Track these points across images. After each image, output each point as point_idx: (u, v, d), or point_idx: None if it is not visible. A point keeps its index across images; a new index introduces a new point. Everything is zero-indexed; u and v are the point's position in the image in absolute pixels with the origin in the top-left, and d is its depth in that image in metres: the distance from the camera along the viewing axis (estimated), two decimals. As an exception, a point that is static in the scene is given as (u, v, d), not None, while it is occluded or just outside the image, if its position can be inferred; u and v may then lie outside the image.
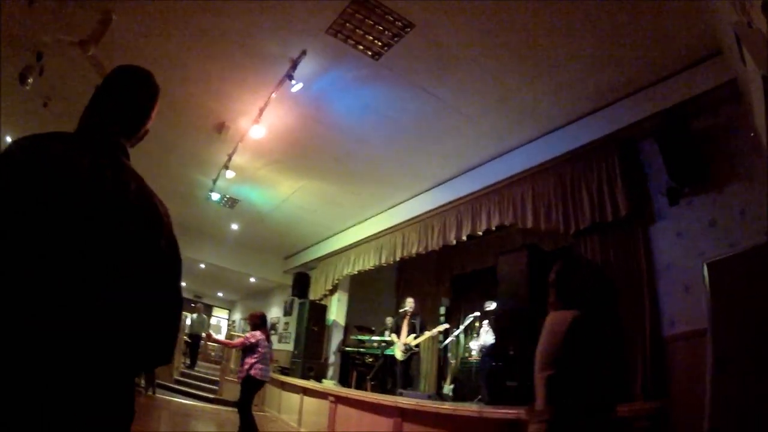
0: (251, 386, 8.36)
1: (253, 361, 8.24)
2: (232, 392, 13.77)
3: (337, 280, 13.94)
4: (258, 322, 8.71)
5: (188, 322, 17.81)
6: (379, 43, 6.19)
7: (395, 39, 6.08)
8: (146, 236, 1.74)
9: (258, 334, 8.47)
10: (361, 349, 12.53)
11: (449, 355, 12.90)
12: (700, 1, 4.91)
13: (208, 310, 27.89)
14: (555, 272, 3.53)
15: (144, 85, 2.11)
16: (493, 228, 8.82)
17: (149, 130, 2.15)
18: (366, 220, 12.57)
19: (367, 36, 6.09)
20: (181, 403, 12.72)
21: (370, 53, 6.36)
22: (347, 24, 5.92)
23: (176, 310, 1.85)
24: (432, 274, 14.09)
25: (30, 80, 6.67)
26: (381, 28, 5.93)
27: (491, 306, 9.29)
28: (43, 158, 1.66)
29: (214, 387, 14.84)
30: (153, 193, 1.86)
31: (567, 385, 2.97)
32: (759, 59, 2.93)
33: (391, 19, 5.77)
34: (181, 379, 15.26)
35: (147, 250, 1.73)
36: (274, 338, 16.42)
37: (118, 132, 1.95)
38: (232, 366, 14.90)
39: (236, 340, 8.40)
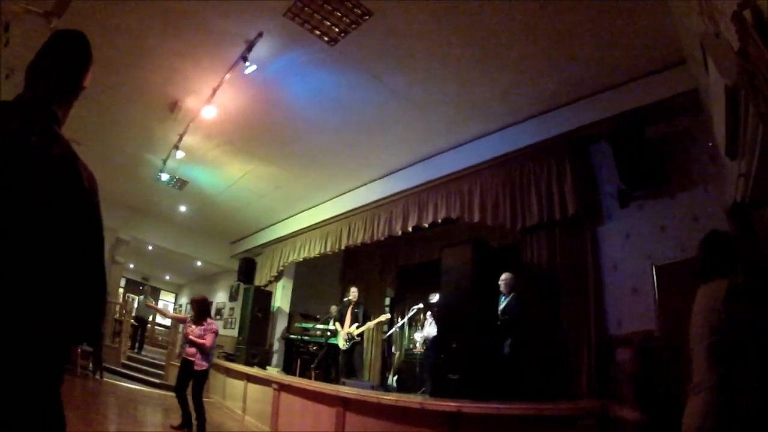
0: (207, 375, 8.23)
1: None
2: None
3: (283, 266, 13.91)
4: (207, 308, 8.44)
5: (135, 305, 17.44)
6: (337, 30, 6.16)
7: (353, 26, 6.06)
8: (65, 198, 1.74)
9: (213, 320, 8.27)
10: (305, 337, 12.48)
11: (393, 346, 12.97)
12: (665, 8, 4.99)
13: (155, 293, 27.54)
14: (700, 247, 3.55)
15: (75, 47, 2.13)
16: (440, 221, 8.91)
17: (85, 87, 2.14)
18: (313, 207, 12.56)
19: (324, 21, 6.05)
20: (127, 387, 12.47)
21: (326, 39, 6.33)
22: (306, 8, 5.88)
23: (99, 274, 1.85)
24: (378, 264, 14.09)
25: (-5, 51, 6.49)
26: (339, 14, 5.91)
27: (435, 298, 9.35)
28: None
29: (160, 372, 14.59)
30: (77, 158, 1.87)
31: (729, 352, 3.01)
32: (723, 69, 2.99)
33: (350, 5, 5.75)
34: (128, 363, 14.94)
35: (65, 212, 1.72)
36: (219, 323, 16.36)
37: (50, 97, 1.95)
38: (178, 351, 14.75)
39: (209, 336, 7.96)
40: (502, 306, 7.48)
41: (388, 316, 11.93)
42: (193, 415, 7.72)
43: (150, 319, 18.66)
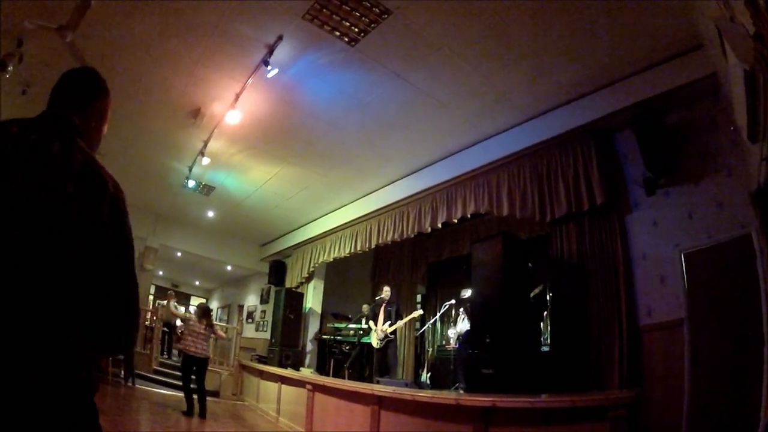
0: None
1: None
2: (211, 382, 13.69)
3: (313, 267, 13.91)
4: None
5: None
6: (356, 30, 6.15)
7: (372, 26, 6.06)
8: (88, 204, 1.72)
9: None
10: (338, 337, 12.49)
11: (426, 342, 12.95)
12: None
13: (185, 299, 27.72)
14: None
15: (89, 76, 2.13)
16: (469, 216, 8.88)
17: (105, 133, 2.18)
18: (341, 207, 12.57)
19: (343, 22, 6.05)
20: (160, 393, 12.51)
21: (346, 39, 6.33)
22: (324, 10, 5.88)
23: (127, 284, 1.78)
24: (408, 261, 14.10)
25: (10, 68, 6.56)
26: (358, 14, 5.90)
27: (467, 293, 9.31)
28: None
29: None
30: (100, 166, 1.85)
31: None
32: (741, 53, 2.95)
33: (368, 5, 5.74)
34: (160, 369, 14.98)
35: (89, 216, 1.71)
36: (251, 326, 16.55)
37: (69, 110, 1.97)
38: (212, 356, 14.88)
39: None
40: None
41: (421, 312, 11.94)
42: None
43: (177, 323, 18.80)
